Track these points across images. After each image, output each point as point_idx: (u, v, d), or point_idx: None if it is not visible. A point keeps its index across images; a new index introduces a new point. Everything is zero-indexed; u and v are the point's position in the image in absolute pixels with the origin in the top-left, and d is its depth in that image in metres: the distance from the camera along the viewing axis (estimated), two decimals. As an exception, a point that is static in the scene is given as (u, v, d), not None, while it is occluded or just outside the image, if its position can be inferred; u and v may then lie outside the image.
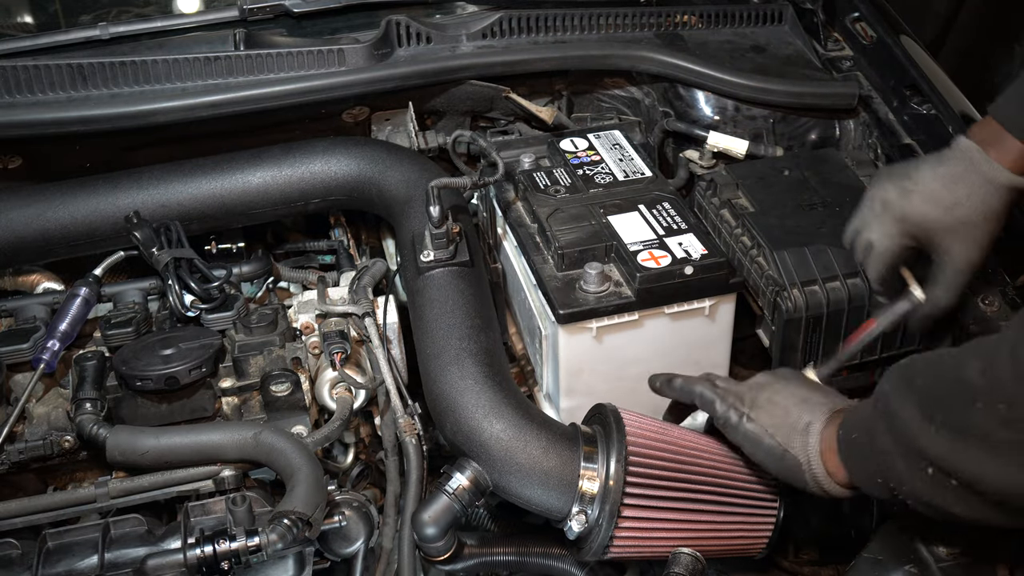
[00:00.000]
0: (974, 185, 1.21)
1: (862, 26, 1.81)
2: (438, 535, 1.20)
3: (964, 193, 1.21)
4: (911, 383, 0.96)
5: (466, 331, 1.31)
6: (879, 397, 1.01)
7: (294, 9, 1.78)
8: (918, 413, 0.93)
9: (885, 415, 0.98)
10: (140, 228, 1.44)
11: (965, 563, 1.05)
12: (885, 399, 0.99)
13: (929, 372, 0.95)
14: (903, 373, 0.99)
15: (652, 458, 1.16)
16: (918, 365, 0.98)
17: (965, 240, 1.23)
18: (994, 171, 1.20)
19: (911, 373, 0.98)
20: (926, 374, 0.96)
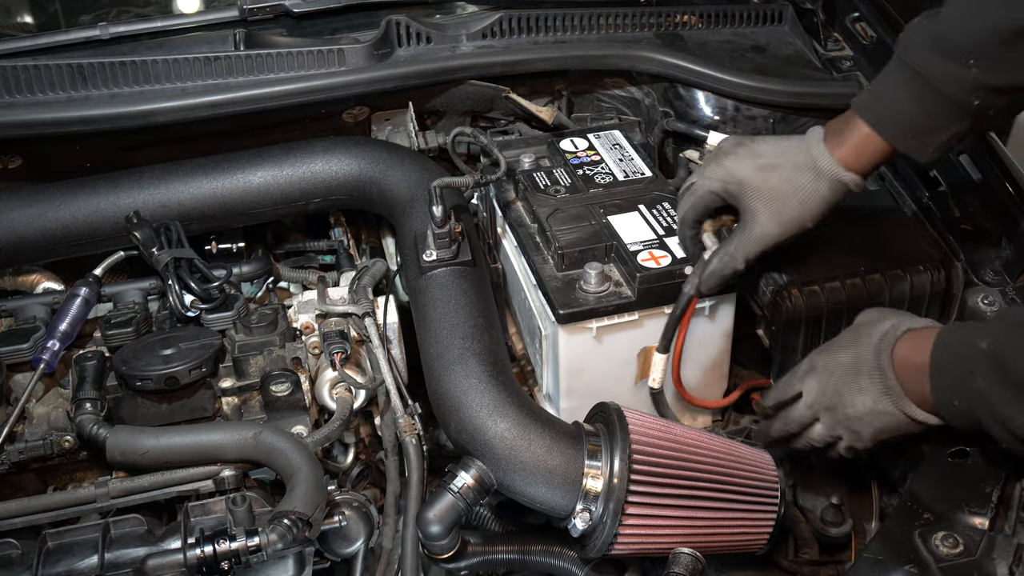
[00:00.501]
0: (797, 161, 1.22)
1: (862, 26, 1.80)
2: (442, 533, 1.20)
3: (785, 163, 1.22)
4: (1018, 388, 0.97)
5: (469, 330, 1.31)
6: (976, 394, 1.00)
7: (294, 9, 1.78)
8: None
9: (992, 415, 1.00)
10: (140, 228, 1.44)
11: (965, 563, 1.05)
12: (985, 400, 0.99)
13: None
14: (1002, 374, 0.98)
15: (655, 456, 1.17)
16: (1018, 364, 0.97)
17: (769, 209, 1.22)
18: (820, 155, 1.21)
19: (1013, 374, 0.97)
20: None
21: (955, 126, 1.17)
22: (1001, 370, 0.98)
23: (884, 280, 1.37)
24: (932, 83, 1.15)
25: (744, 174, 1.23)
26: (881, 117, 1.19)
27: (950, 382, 1.06)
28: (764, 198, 1.22)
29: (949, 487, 1.14)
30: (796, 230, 1.23)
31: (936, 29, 1.16)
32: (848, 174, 1.20)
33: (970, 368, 1.02)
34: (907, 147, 1.20)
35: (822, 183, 1.21)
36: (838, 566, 1.33)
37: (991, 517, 1.10)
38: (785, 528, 1.29)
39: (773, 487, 1.24)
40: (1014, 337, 1.00)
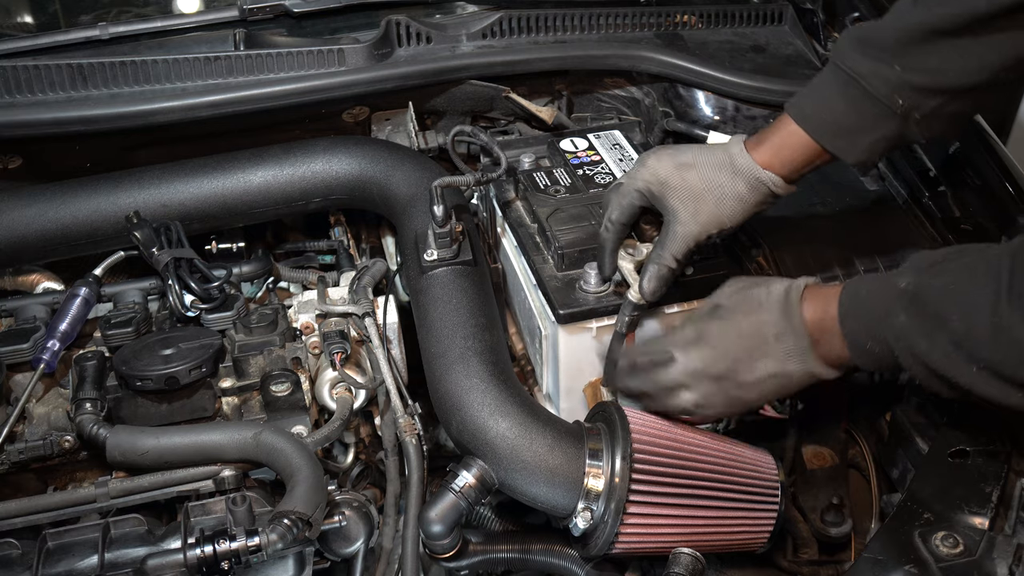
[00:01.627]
0: (714, 160, 1.23)
1: (862, 26, 1.80)
2: (444, 532, 1.20)
3: (703, 163, 1.23)
4: (942, 321, 0.98)
5: (471, 330, 1.31)
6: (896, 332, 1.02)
7: (294, 9, 1.78)
8: (955, 354, 0.98)
9: (910, 350, 1.02)
10: (140, 228, 1.44)
11: (965, 563, 1.05)
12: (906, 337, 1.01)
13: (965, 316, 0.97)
14: (923, 311, 1.00)
15: (656, 455, 1.17)
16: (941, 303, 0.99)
17: (686, 207, 1.21)
18: (737, 154, 1.22)
19: (935, 311, 0.99)
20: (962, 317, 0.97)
21: (882, 127, 1.19)
22: (920, 307, 1.00)
23: (884, 280, 1.37)
24: (859, 81, 1.17)
25: (664, 173, 1.23)
26: (808, 114, 1.21)
27: (865, 324, 1.07)
28: (681, 196, 1.22)
29: (949, 487, 1.14)
30: (716, 229, 1.23)
31: (862, 31, 1.20)
32: (766, 173, 1.21)
33: (888, 307, 1.03)
34: (834, 146, 1.21)
35: (739, 182, 1.21)
36: (838, 566, 1.33)
37: (991, 517, 1.10)
38: (785, 528, 1.29)
39: (773, 487, 1.24)
40: (930, 277, 1.02)
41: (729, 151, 1.23)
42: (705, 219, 1.21)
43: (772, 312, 1.13)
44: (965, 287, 0.98)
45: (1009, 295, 0.93)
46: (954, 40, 1.14)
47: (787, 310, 1.12)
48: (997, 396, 0.97)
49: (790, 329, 1.12)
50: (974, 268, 0.99)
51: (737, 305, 1.16)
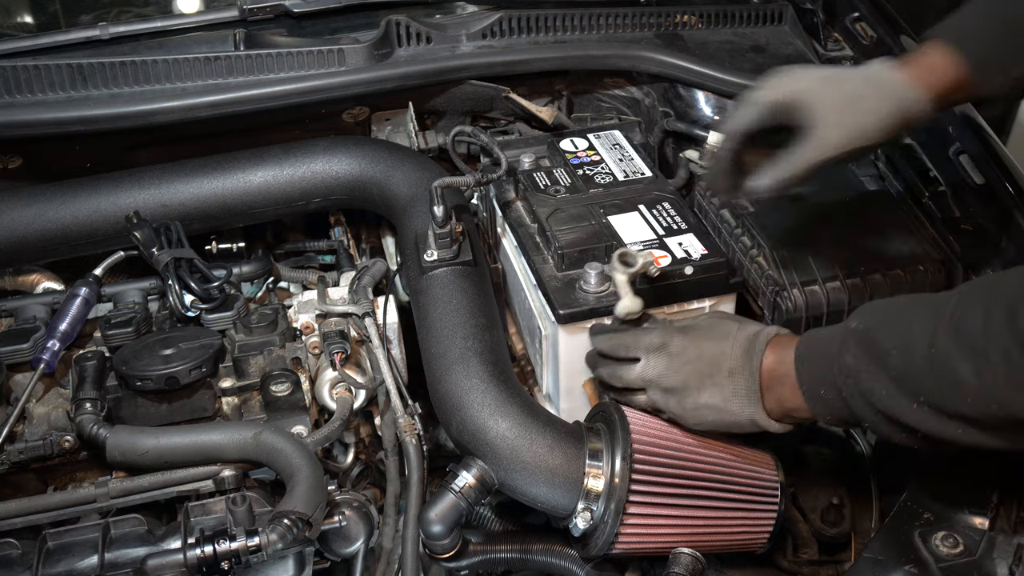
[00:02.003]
0: (858, 75, 1.18)
1: (862, 26, 1.81)
2: (444, 533, 1.20)
3: (848, 76, 1.18)
4: (883, 360, 0.97)
5: (471, 330, 1.31)
6: (845, 371, 1.01)
7: (294, 9, 1.78)
8: (896, 391, 0.96)
9: (857, 391, 1.00)
10: (140, 228, 1.44)
11: (965, 563, 1.05)
12: (854, 375, 1.00)
13: (904, 351, 0.95)
14: (869, 348, 0.99)
15: (656, 455, 1.17)
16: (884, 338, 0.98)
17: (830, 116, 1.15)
18: (880, 69, 1.17)
19: (879, 347, 0.98)
20: (900, 352, 0.96)
21: None
22: (869, 345, 0.99)
23: (884, 280, 1.37)
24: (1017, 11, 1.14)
25: (805, 83, 1.18)
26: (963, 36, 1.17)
27: (818, 368, 1.05)
28: (825, 105, 1.15)
29: (949, 487, 1.14)
30: (859, 142, 1.16)
31: None
32: (916, 93, 1.15)
33: (839, 348, 1.02)
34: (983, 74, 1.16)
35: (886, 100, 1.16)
36: (838, 566, 1.33)
37: (991, 517, 1.10)
38: (785, 528, 1.29)
39: (773, 487, 1.24)
40: (881, 315, 1.01)
41: (873, 67, 1.18)
42: (849, 129, 1.15)
43: (736, 347, 1.13)
44: (907, 322, 0.97)
45: (949, 327, 0.91)
46: None
47: (750, 351, 1.12)
48: (939, 432, 0.96)
49: (746, 369, 1.12)
50: (920, 304, 0.98)
51: (708, 329, 1.17)
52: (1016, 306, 0.86)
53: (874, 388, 0.98)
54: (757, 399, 1.11)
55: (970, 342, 0.89)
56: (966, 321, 0.90)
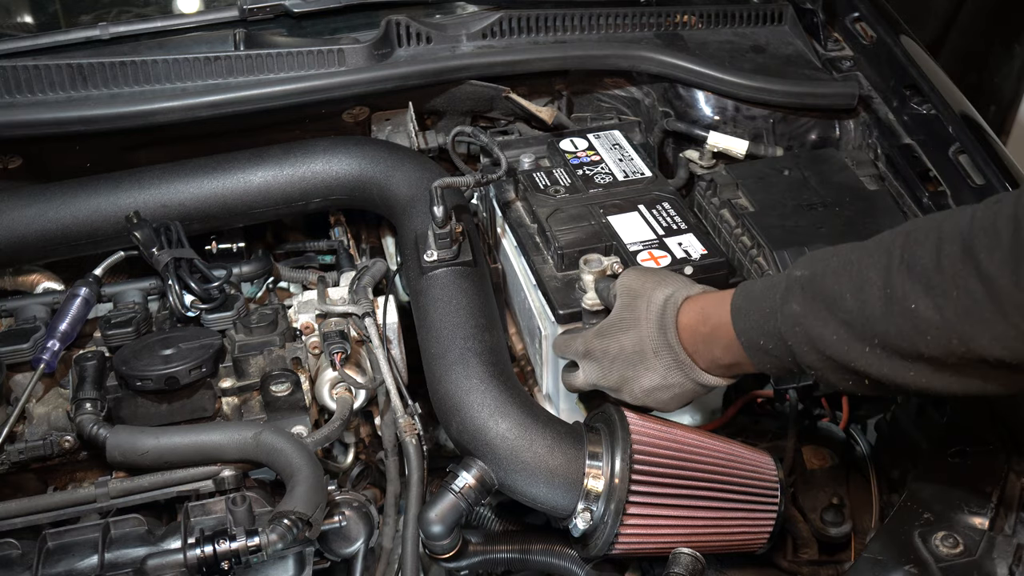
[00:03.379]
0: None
1: (862, 26, 1.81)
2: (444, 533, 1.20)
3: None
4: (834, 305, 0.97)
5: (470, 330, 1.31)
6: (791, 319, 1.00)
7: (294, 9, 1.78)
8: (847, 335, 0.96)
9: (804, 337, 1.00)
10: (140, 228, 1.44)
11: (965, 563, 1.05)
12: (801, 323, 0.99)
13: (857, 292, 0.95)
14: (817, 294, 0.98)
15: (655, 456, 1.17)
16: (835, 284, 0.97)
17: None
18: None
19: (829, 293, 0.97)
20: (854, 293, 0.95)
21: None
22: (817, 292, 0.99)
23: (884, 280, 1.37)
24: None
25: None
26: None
27: (757, 321, 1.05)
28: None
29: (949, 487, 1.14)
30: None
31: None
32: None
33: (782, 297, 1.02)
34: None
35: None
36: (838, 566, 1.33)
37: (991, 517, 1.10)
38: (785, 528, 1.29)
39: (773, 487, 1.24)
40: (828, 261, 1.00)
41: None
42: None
43: (650, 327, 1.15)
44: (856, 265, 0.96)
45: (900, 266, 0.91)
46: None
47: (663, 325, 1.14)
48: (891, 375, 0.95)
49: (666, 345, 1.14)
50: (866, 247, 0.97)
51: (620, 320, 1.18)
52: (970, 240, 0.86)
53: (824, 334, 0.98)
54: (689, 364, 1.14)
55: (926, 279, 0.89)
56: (917, 258, 0.90)
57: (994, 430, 1.20)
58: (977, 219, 0.87)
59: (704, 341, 1.12)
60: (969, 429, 1.21)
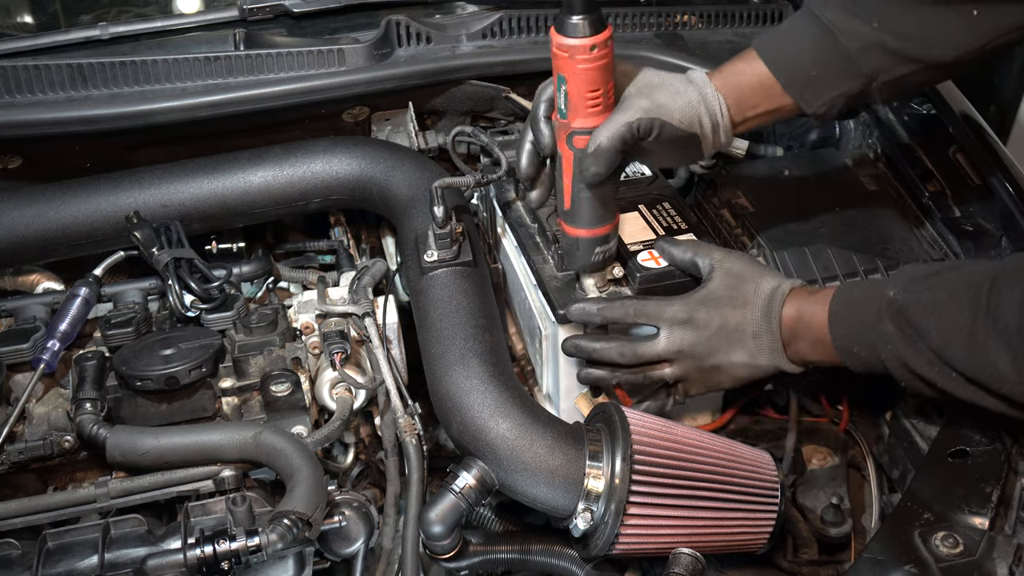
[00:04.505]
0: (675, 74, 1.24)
1: (862, 26, 1.80)
2: (444, 533, 1.20)
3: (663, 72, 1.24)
4: (924, 334, 1.04)
5: (471, 331, 1.31)
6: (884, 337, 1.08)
7: (294, 9, 1.78)
8: (938, 360, 1.04)
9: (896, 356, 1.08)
10: (140, 228, 1.44)
11: (965, 563, 1.05)
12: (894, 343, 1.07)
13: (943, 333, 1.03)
14: (909, 321, 1.06)
15: (656, 456, 1.17)
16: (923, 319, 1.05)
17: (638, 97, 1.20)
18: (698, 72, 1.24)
19: (919, 323, 1.05)
20: (941, 333, 1.03)
21: (846, 84, 1.22)
22: (908, 319, 1.06)
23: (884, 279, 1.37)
24: (834, 33, 1.20)
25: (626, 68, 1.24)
26: (776, 57, 1.23)
27: (854, 329, 1.14)
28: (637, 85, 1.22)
29: (949, 487, 1.14)
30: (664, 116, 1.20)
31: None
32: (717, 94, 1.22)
33: (877, 315, 1.10)
34: (799, 94, 1.23)
35: (692, 89, 1.22)
36: (838, 566, 1.33)
37: (991, 517, 1.10)
38: (785, 528, 1.29)
39: (773, 487, 1.24)
40: (916, 292, 1.08)
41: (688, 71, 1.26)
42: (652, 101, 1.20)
43: (756, 311, 1.21)
44: (946, 306, 1.03)
45: (987, 316, 0.98)
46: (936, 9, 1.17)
47: (769, 311, 1.21)
48: (974, 398, 1.05)
49: (768, 329, 1.21)
50: (956, 288, 1.04)
51: (728, 297, 1.23)
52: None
53: (914, 356, 1.06)
54: (781, 353, 1.21)
55: (1008, 336, 0.95)
56: (1002, 312, 0.96)
57: (995, 430, 1.20)
58: None
59: (797, 336, 1.20)
60: (969, 429, 1.21)
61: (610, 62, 1.18)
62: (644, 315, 1.25)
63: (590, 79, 1.17)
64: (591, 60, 1.15)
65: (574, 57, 1.15)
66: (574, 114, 1.20)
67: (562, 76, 1.18)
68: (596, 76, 1.17)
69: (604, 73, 1.17)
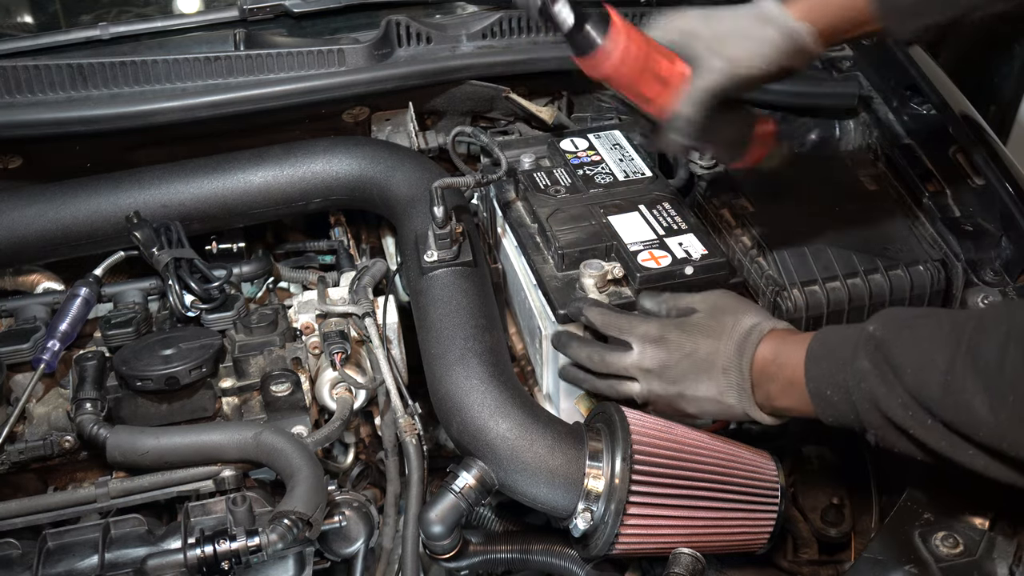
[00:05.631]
0: (742, 11, 1.19)
1: (862, 26, 1.80)
2: (444, 533, 1.20)
3: (731, 12, 1.19)
4: (899, 372, 0.96)
5: (471, 331, 1.31)
6: (858, 375, 1.00)
7: (294, 9, 1.78)
8: (912, 403, 0.95)
9: (869, 396, 0.99)
10: (140, 228, 1.44)
11: (965, 563, 1.05)
12: (868, 380, 0.99)
13: (921, 370, 0.94)
14: (886, 357, 0.98)
15: (656, 456, 1.17)
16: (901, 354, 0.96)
17: (712, 49, 1.16)
18: (767, 5, 1.18)
19: (896, 359, 0.97)
20: (916, 371, 0.95)
21: (941, 14, 1.16)
22: (886, 355, 0.98)
23: (884, 279, 1.37)
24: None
25: (687, 22, 1.20)
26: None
27: (827, 370, 1.05)
28: (707, 42, 1.17)
29: (949, 487, 1.14)
30: (744, 68, 1.16)
31: None
32: (800, 23, 1.16)
33: (853, 351, 1.01)
34: (886, 17, 1.17)
35: (768, 27, 1.17)
36: (838, 566, 1.33)
37: (991, 517, 1.10)
38: (785, 528, 1.29)
39: (773, 487, 1.24)
40: (900, 327, 1.00)
41: (760, 4, 1.18)
42: (731, 56, 1.16)
43: (730, 344, 1.15)
44: (925, 343, 0.96)
45: (966, 355, 0.90)
46: None
47: (743, 347, 1.14)
48: (948, 451, 0.95)
49: (737, 366, 1.14)
50: (939, 327, 0.97)
51: (705, 324, 1.18)
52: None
53: (888, 396, 0.97)
54: (748, 395, 1.14)
55: (986, 377, 0.87)
56: (982, 352, 0.88)
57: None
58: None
59: (768, 378, 1.13)
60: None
61: (641, 46, 1.13)
62: (616, 327, 1.22)
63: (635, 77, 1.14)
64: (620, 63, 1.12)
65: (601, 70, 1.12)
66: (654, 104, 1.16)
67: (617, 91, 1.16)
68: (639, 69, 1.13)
69: (646, 61, 1.13)
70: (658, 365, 1.18)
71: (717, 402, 1.16)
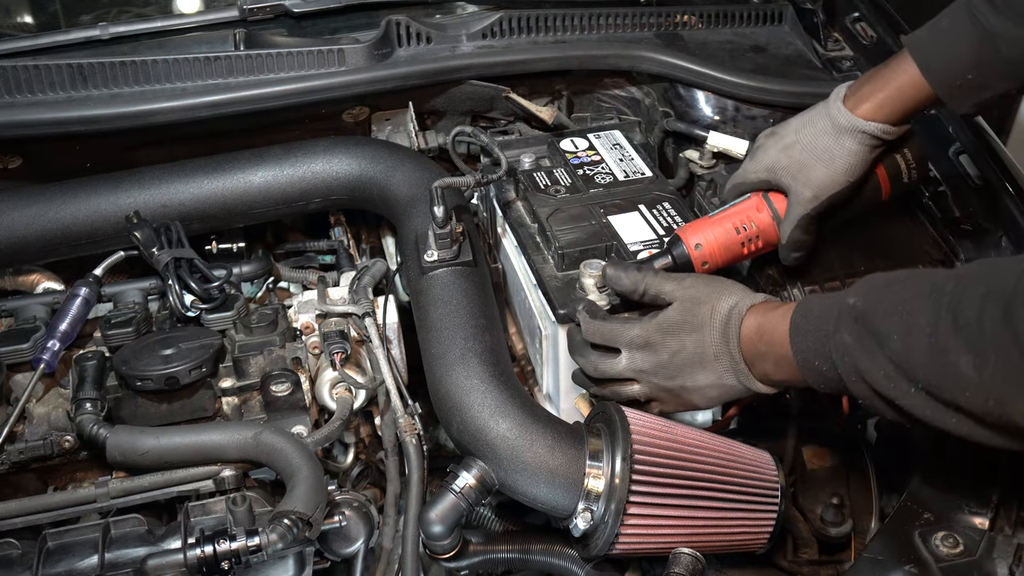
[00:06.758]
0: (815, 129, 1.28)
1: (862, 26, 1.81)
2: (445, 533, 1.20)
3: (804, 135, 1.28)
4: (883, 340, 0.97)
5: (471, 331, 1.31)
6: (840, 349, 1.01)
7: (294, 9, 1.78)
8: (895, 373, 0.96)
9: (853, 369, 1.00)
10: (140, 228, 1.44)
11: (965, 563, 1.05)
12: (850, 354, 1.00)
13: (905, 336, 0.95)
14: (867, 328, 0.98)
15: (656, 456, 1.17)
16: (883, 322, 0.97)
17: (797, 180, 1.28)
18: (836, 112, 1.25)
19: (878, 329, 0.97)
20: (901, 336, 0.95)
21: (1003, 86, 1.21)
22: (864, 325, 0.99)
23: (884, 280, 1.37)
24: (996, 42, 1.17)
25: (772, 160, 1.30)
26: (933, 65, 1.22)
27: (812, 343, 1.06)
28: (792, 173, 1.28)
29: (949, 487, 1.14)
30: (835, 189, 1.27)
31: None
32: (872, 124, 1.24)
33: (835, 324, 1.02)
34: (949, 97, 1.23)
35: (845, 139, 1.25)
36: (838, 566, 1.33)
37: (991, 517, 1.10)
38: (785, 528, 1.29)
39: (773, 487, 1.24)
40: (880, 295, 1.00)
41: (829, 112, 1.27)
42: (818, 184, 1.27)
43: (714, 333, 1.16)
44: (907, 308, 0.96)
45: (947, 315, 0.90)
46: None
47: (726, 332, 1.15)
48: (932, 418, 0.96)
49: (727, 352, 1.15)
50: (919, 290, 0.97)
51: (683, 322, 1.18)
52: (1013, 303, 0.84)
53: (871, 368, 0.98)
54: (746, 373, 1.15)
55: (968, 336, 0.88)
56: (963, 312, 0.89)
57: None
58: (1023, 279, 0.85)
59: (760, 355, 1.14)
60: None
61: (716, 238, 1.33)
62: (600, 336, 1.23)
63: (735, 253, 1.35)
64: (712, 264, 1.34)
65: None
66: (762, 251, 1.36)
67: None
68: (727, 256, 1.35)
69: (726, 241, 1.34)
70: (651, 367, 1.20)
71: (719, 386, 1.18)
